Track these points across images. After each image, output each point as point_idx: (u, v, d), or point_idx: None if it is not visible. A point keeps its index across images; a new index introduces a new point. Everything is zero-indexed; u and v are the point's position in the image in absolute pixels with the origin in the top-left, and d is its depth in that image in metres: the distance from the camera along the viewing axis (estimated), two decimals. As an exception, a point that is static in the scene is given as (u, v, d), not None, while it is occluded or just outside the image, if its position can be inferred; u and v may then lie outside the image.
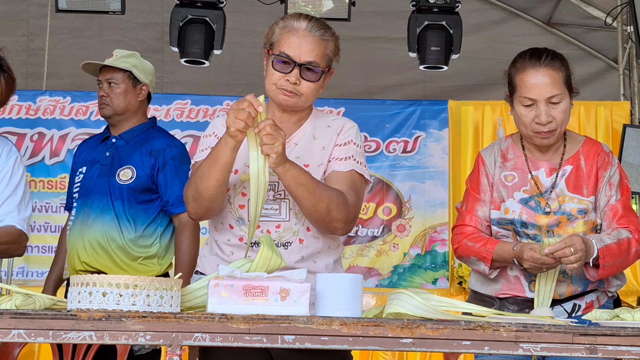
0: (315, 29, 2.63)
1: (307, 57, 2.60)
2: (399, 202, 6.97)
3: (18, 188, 3.00)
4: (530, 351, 1.89)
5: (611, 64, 7.62)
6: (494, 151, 2.98)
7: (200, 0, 6.03)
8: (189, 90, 7.22)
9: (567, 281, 2.84)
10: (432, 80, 7.42)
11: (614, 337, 1.89)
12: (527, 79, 2.82)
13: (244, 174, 2.64)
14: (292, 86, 2.61)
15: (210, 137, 2.72)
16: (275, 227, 2.61)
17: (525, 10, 7.61)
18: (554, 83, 2.81)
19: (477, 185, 2.95)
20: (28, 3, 7.31)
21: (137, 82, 3.86)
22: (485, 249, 2.83)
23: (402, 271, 6.91)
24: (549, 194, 2.87)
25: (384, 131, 7.01)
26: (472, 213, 2.93)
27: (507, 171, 2.93)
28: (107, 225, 3.69)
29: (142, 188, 3.73)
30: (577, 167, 2.89)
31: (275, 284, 2.05)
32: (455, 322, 1.93)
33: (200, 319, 1.90)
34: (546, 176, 2.89)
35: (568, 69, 2.88)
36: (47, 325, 1.90)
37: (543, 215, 2.85)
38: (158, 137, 3.85)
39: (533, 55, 2.86)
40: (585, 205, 2.85)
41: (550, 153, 2.91)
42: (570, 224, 2.84)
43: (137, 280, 1.97)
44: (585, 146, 2.93)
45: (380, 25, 7.42)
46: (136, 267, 3.69)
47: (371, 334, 1.90)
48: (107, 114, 3.86)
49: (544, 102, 2.80)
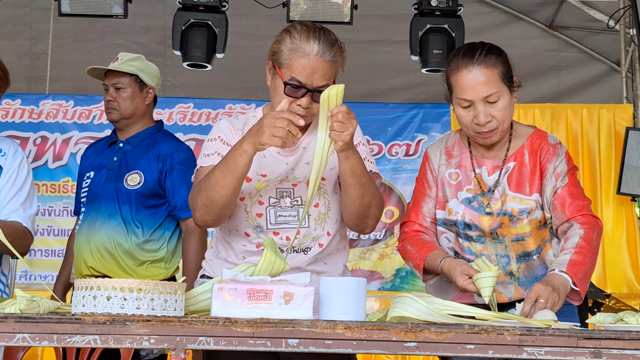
0: (327, 52, 2.56)
1: (319, 82, 2.55)
2: (401, 206, 6.97)
3: (23, 187, 3.00)
4: (534, 355, 1.88)
5: (614, 67, 7.61)
6: (440, 148, 2.89)
7: (203, 4, 6.03)
8: (192, 94, 7.22)
9: (514, 283, 2.76)
10: (434, 83, 7.39)
11: (619, 340, 1.89)
12: (460, 79, 2.70)
13: (258, 182, 2.64)
14: (304, 110, 2.57)
15: (215, 141, 2.69)
16: (295, 234, 2.61)
17: (528, 13, 7.61)
18: (488, 82, 2.68)
19: (423, 181, 2.87)
20: (31, 7, 7.32)
21: (144, 86, 3.86)
22: (419, 256, 2.74)
23: (404, 274, 6.91)
24: (492, 193, 2.77)
25: (386, 134, 7.01)
26: (417, 209, 2.85)
27: (451, 169, 2.84)
28: (114, 230, 3.69)
29: (150, 193, 3.72)
30: (520, 164, 2.77)
31: (279, 287, 2.06)
32: (459, 326, 1.93)
33: (204, 322, 1.90)
34: (488, 175, 2.79)
35: (506, 63, 2.74)
36: (52, 329, 1.90)
37: (486, 216, 2.76)
38: (165, 141, 3.85)
39: (466, 54, 2.72)
40: (527, 204, 2.74)
41: (495, 150, 2.81)
42: (513, 225, 2.74)
43: (142, 284, 1.97)
44: (530, 139, 2.80)
45: (382, 29, 7.42)
46: (142, 271, 3.69)
47: (375, 338, 1.90)
48: (114, 119, 3.85)
49: (481, 102, 2.68)
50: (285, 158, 2.68)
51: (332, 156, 2.67)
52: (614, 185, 6.72)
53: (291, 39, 2.58)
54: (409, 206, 2.90)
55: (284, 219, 2.62)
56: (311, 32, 2.59)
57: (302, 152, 2.68)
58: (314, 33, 2.58)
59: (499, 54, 2.74)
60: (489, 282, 2.48)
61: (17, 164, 3.01)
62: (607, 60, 7.71)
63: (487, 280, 2.48)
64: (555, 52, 7.64)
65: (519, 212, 2.74)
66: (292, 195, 2.63)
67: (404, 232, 2.85)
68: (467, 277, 2.55)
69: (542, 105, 7.04)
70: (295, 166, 2.67)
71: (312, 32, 2.59)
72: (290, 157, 2.69)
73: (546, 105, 7.03)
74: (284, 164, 2.67)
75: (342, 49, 2.63)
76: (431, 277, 2.80)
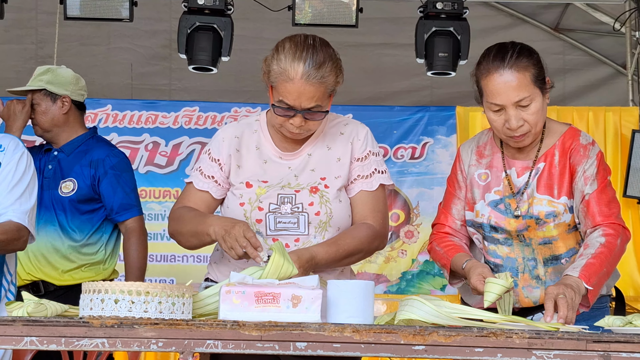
0: (313, 74, 2.52)
1: (307, 104, 2.55)
2: (407, 209, 6.96)
3: (21, 182, 2.97)
4: (543, 358, 1.88)
5: (619, 70, 7.59)
6: (472, 147, 2.83)
7: (208, 8, 6.03)
8: (197, 97, 7.22)
9: (540, 287, 2.70)
10: (440, 86, 7.40)
11: (628, 343, 1.88)
12: (491, 84, 2.61)
13: (258, 188, 2.64)
14: (297, 129, 2.59)
15: (204, 155, 2.76)
16: (294, 241, 2.60)
17: (533, 15, 7.59)
18: (520, 86, 2.59)
19: (453, 181, 2.83)
20: (37, 11, 7.33)
21: (56, 96, 3.88)
22: (446, 257, 2.70)
23: (410, 277, 6.89)
24: (521, 195, 2.70)
25: (391, 137, 7.00)
26: (447, 211, 2.81)
27: (481, 169, 2.78)
28: (51, 237, 3.77)
29: (85, 199, 3.80)
30: (550, 165, 2.70)
31: (287, 290, 2.05)
32: (467, 329, 1.92)
33: (212, 326, 1.90)
34: (517, 176, 2.72)
35: (538, 64, 2.65)
36: (60, 332, 1.90)
37: (512, 219, 2.69)
38: (98, 147, 3.91)
39: (497, 57, 2.63)
40: (554, 208, 2.66)
41: (526, 151, 2.74)
42: (540, 228, 2.68)
43: (149, 287, 1.97)
44: (562, 139, 2.72)
45: (388, 32, 7.42)
46: (80, 274, 3.77)
47: (383, 341, 1.90)
48: (38, 134, 3.94)
49: (512, 106, 2.60)
50: (287, 162, 2.68)
51: (336, 164, 2.67)
52: (620, 188, 6.69)
53: (278, 60, 2.57)
54: (440, 207, 2.87)
55: (284, 225, 2.61)
56: (298, 52, 2.55)
57: (307, 159, 2.68)
58: (300, 54, 2.54)
59: (531, 55, 2.66)
60: (496, 288, 2.43)
61: (16, 158, 2.99)
62: (613, 63, 7.69)
63: (496, 286, 2.43)
64: (561, 55, 7.62)
65: (545, 215, 2.67)
66: (293, 201, 2.62)
67: (433, 234, 2.83)
68: (481, 278, 2.52)
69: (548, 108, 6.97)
70: (300, 173, 2.66)
71: (300, 52, 2.55)
72: (293, 161, 2.68)
73: (552, 108, 7.00)
74: (287, 167, 2.67)
75: (334, 66, 2.58)
76: (458, 282, 2.76)
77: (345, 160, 2.68)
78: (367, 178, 2.67)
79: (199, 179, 2.72)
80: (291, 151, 2.70)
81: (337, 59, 2.62)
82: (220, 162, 2.71)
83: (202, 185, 2.71)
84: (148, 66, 7.42)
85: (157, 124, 6.82)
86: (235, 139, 2.73)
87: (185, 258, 6.69)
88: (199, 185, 2.71)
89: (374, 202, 2.67)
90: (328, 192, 2.64)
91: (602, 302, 2.78)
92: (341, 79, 2.64)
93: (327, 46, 2.62)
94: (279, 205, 2.61)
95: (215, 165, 2.71)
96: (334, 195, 2.64)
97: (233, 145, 2.72)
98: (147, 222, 6.70)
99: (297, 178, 2.65)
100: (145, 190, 6.75)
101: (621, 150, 6.78)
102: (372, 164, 2.68)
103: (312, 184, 2.64)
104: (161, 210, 6.75)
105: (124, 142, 6.78)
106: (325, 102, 2.59)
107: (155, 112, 6.84)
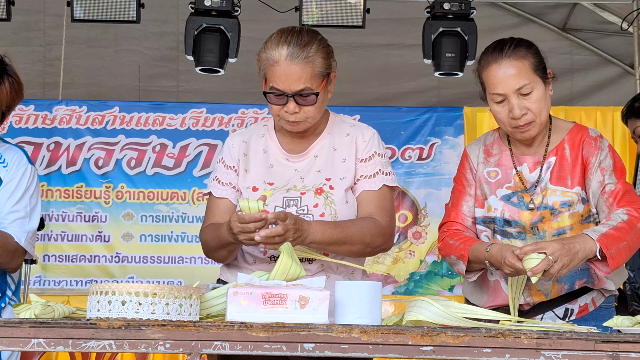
0: (297, 53, 2.55)
1: (296, 87, 2.56)
2: (414, 209, 6.95)
3: (22, 200, 2.88)
4: (552, 358, 1.87)
5: (627, 69, 7.58)
6: (479, 146, 2.86)
7: (215, 9, 6.03)
8: (204, 99, 7.23)
9: (552, 280, 2.69)
10: (447, 87, 7.39)
11: (637, 344, 1.87)
12: (492, 74, 2.68)
13: (264, 191, 2.64)
14: (293, 116, 2.60)
15: (218, 165, 2.79)
16: None
17: (540, 15, 7.58)
18: (519, 73, 2.65)
19: (462, 180, 2.84)
20: (44, 13, 7.34)
21: None
22: (463, 247, 2.70)
23: (418, 278, 6.89)
24: (534, 189, 2.72)
25: (399, 138, 6.99)
26: (457, 209, 2.81)
27: (490, 167, 2.80)
28: None
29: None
30: (561, 157, 2.74)
31: (294, 291, 2.05)
32: (475, 330, 1.92)
33: (219, 327, 1.90)
34: (529, 171, 2.75)
35: (537, 55, 2.72)
36: (67, 334, 1.90)
37: (526, 211, 2.71)
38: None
39: (495, 49, 2.71)
40: (569, 197, 2.69)
41: (535, 146, 2.77)
42: (555, 219, 2.70)
43: (157, 289, 1.97)
44: (570, 133, 2.76)
45: (395, 32, 7.41)
46: None
47: (391, 342, 1.89)
48: None
49: (514, 94, 2.65)
50: (294, 164, 2.68)
51: (342, 165, 2.66)
52: (628, 188, 6.68)
53: (265, 48, 2.61)
54: (447, 207, 2.87)
55: None
56: (283, 36, 2.59)
57: (314, 161, 2.68)
58: (285, 37, 2.58)
59: (529, 46, 2.72)
60: (536, 263, 2.45)
61: (18, 175, 2.90)
62: (621, 63, 7.67)
63: (536, 261, 2.45)
64: (568, 55, 7.61)
65: (560, 204, 2.69)
66: (298, 204, 2.62)
67: (444, 232, 2.81)
68: (516, 257, 2.50)
69: (556, 107, 6.99)
70: (306, 175, 2.66)
71: (285, 36, 2.59)
72: (300, 162, 2.68)
73: (559, 108, 6.99)
74: (293, 169, 2.67)
75: (320, 47, 2.60)
76: (473, 274, 2.74)
77: (350, 161, 2.68)
78: (371, 178, 2.67)
79: (217, 187, 2.75)
80: (298, 153, 2.70)
81: (325, 43, 2.64)
82: (236, 168, 2.75)
83: (220, 193, 2.75)
84: (155, 68, 7.43)
85: (165, 126, 6.83)
86: (243, 143, 2.76)
87: (194, 260, 6.69)
88: (218, 193, 2.75)
89: (379, 201, 2.66)
90: (333, 194, 2.63)
91: (610, 302, 2.79)
92: (333, 64, 2.65)
93: (315, 32, 2.65)
94: (285, 208, 2.61)
95: (231, 172, 2.75)
96: (339, 196, 2.64)
97: (242, 150, 2.75)
98: (155, 224, 6.81)
99: (303, 180, 2.65)
100: (153, 192, 6.76)
101: (630, 150, 6.76)
102: (376, 164, 2.67)
103: (318, 186, 2.64)
104: (169, 212, 6.75)
105: (131, 144, 6.79)
106: (315, 84, 2.58)
107: (162, 113, 6.85)
